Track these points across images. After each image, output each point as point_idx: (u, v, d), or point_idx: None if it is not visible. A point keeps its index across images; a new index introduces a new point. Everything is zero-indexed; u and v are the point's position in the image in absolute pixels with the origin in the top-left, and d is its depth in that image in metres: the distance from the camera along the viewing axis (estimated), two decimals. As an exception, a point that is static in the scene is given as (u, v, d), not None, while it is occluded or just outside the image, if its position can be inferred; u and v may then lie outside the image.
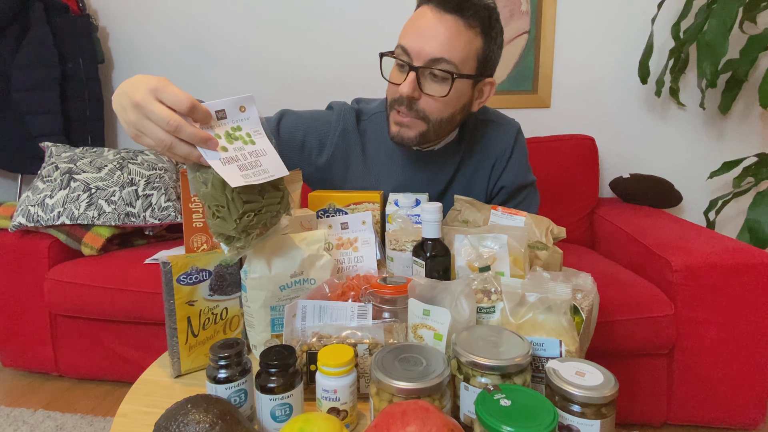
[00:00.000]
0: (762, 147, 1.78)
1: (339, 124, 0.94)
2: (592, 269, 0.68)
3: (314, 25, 2.01)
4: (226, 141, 0.55)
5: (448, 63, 0.77)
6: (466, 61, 0.78)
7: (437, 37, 0.76)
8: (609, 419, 0.45)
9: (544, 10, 1.84)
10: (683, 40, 1.59)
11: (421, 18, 0.78)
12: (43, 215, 1.50)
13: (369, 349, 0.56)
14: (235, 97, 0.56)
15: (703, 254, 1.20)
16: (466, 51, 0.77)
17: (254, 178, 0.54)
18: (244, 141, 0.57)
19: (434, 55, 0.76)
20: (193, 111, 0.52)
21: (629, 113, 1.88)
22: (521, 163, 0.97)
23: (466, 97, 0.83)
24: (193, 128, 0.52)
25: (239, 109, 0.57)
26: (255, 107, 0.58)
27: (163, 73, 2.17)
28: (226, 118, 0.56)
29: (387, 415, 0.41)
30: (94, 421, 1.39)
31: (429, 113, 0.81)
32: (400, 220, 0.79)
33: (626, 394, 1.27)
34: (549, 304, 0.56)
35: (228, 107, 0.56)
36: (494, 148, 0.94)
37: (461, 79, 0.79)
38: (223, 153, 0.54)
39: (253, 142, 0.57)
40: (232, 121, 0.57)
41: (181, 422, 0.42)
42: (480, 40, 0.78)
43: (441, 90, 0.78)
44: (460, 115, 0.86)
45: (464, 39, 0.76)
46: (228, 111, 0.56)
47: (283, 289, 0.66)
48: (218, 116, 0.56)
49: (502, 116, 0.98)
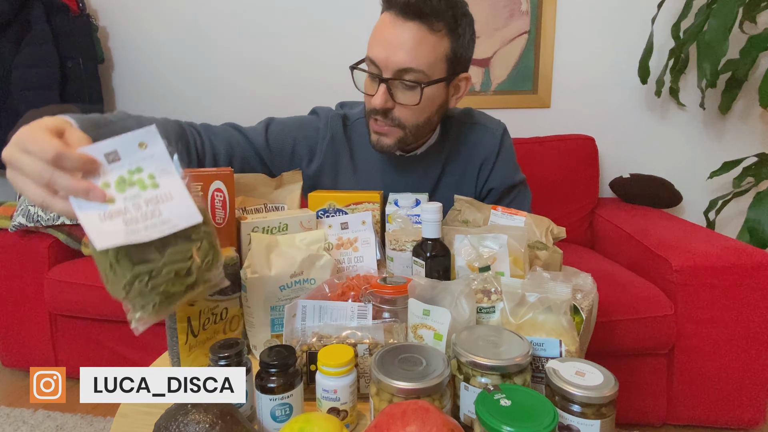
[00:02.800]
0: (762, 147, 1.78)
1: (327, 131, 0.94)
2: (592, 269, 0.68)
3: (314, 26, 2.01)
4: (117, 189, 0.46)
5: (416, 72, 0.76)
6: (435, 65, 0.77)
7: (402, 47, 0.74)
8: (609, 419, 0.45)
9: (544, 10, 1.84)
10: (683, 40, 1.59)
11: (384, 27, 0.77)
12: (43, 215, 1.50)
13: (369, 349, 0.56)
14: (131, 134, 0.47)
15: (703, 254, 1.20)
16: (433, 56, 0.76)
17: (145, 233, 0.45)
18: (143, 186, 0.47)
19: (401, 66, 0.75)
20: (59, 160, 0.43)
21: (629, 113, 1.88)
22: (508, 163, 0.96)
23: (440, 98, 0.83)
24: (66, 179, 0.43)
25: (138, 146, 0.47)
26: (161, 141, 0.48)
27: (162, 72, 2.17)
28: (119, 160, 0.46)
29: (387, 415, 0.41)
30: (94, 421, 1.39)
31: (404, 120, 0.82)
32: (400, 220, 0.79)
33: (626, 394, 1.27)
34: (549, 304, 0.56)
35: (122, 147, 0.46)
36: (480, 150, 0.94)
37: (432, 85, 0.78)
38: (105, 206, 0.45)
39: (155, 185, 0.47)
40: (129, 163, 0.47)
41: (181, 422, 0.42)
42: (447, 41, 0.77)
43: (413, 98, 0.78)
44: (437, 116, 0.86)
45: (429, 44, 0.75)
46: (122, 151, 0.46)
47: (283, 289, 0.66)
48: (109, 159, 0.46)
49: (488, 118, 0.98)
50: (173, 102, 2.18)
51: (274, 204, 0.84)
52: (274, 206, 0.83)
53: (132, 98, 2.23)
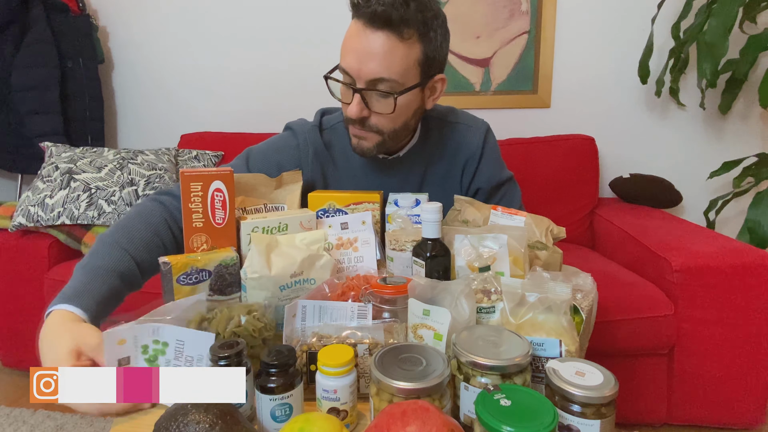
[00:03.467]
0: (762, 147, 1.78)
1: (308, 146, 0.92)
2: (592, 269, 0.68)
3: (314, 27, 2.01)
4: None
5: (388, 81, 0.75)
6: (407, 72, 0.76)
7: (373, 57, 0.73)
8: (609, 419, 0.45)
9: (544, 10, 1.84)
10: (683, 40, 1.59)
11: (354, 36, 0.75)
12: (43, 215, 1.50)
13: (369, 349, 0.56)
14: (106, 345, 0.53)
15: (703, 254, 1.20)
16: (404, 64, 0.75)
17: None
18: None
19: (373, 76, 0.75)
20: (102, 413, 0.53)
21: (629, 113, 1.88)
22: (493, 161, 0.96)
23: (416, 103, 0.82)
24: (116, 410, 0.53)
25: (143, 349, 0.55)
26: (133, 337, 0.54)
27: (162, 72, 2.17)
28: (129, 364, 0.55)
29: (387, 415, 0.41)
30: (94, 422, 1.39)
31: (381, 127, 0.82)
32: (400, 220, 0.79)
33: (626, 394, 1.27)
34: (549, 304, 0.56)
35: (132, 353, 0.55)
36: (463, 150, 0.94)
37: (406, 92, 0.77)
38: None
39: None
40: (140, 362, 0.56)
41: (181, 422, 0.42)
42: (418, 47, 0.76)
43: (387, 107, 0.78)
44: (414, 119, 0.86)
45: (400, 53, 0.74)
46: (133, 358, 0.55)
47: (283, 289, 0.66)
48: (122, 363, 0.54)
49: (471, 118, 0.98)
50: (173, 102, 2.18)
51: (274, 204, 0.83)
52: (274, 206, 0.83)
53: (132, 98, 2.23)
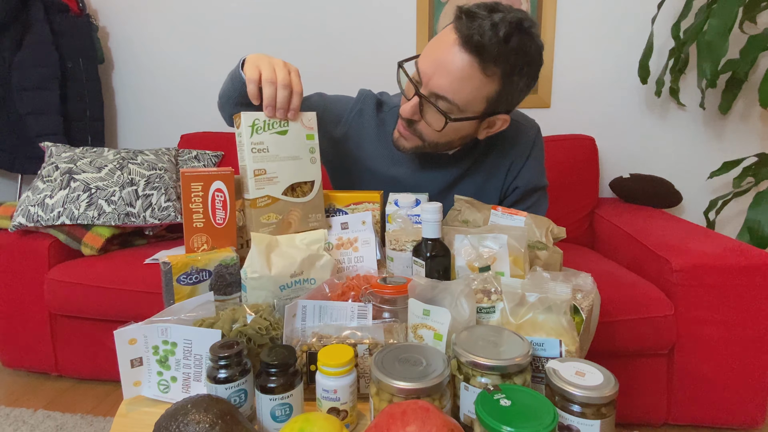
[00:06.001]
0: (762, 147, 1.78)
1: (357, 105, 0.96)
2: (592, 269, 0.68)
3: (314, 27, 2.01)
4: None
5: (449, 103, 0.75)
6: (472, 102, 0.75)
7: (447, 74, 0.72)
8: (609, 419, 0.45)
9: (544, 10, 1.84)
10: (683, 40, 1.59)
11: (442, 45, 0.73)
12: (43, 215, 1.50)
13: (369, 349, 0.56)
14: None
15: (703, 254, 1.20)
16: (473, 95, 0.74)
17: None
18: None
19: (438, 91, 0.74)
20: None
21: (629, 113, 1.88)
22: (538, 164, 0.96)
23: (466, 130, 0.82)
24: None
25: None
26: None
27: (162, 72, 2.17)
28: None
29: (387, 415, 0.41)
30: (94, 421, 1.39)
31: (425, 136, 0.82)
32: (400, 220, 0.79)
33: (626, 394, 1.27)
34: (549, 304, 0.56)
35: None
36: (513, 147, 0.93)
37: (461, 121, 0.77)
38: None
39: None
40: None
41: (181, 422, 0.42)
42: (496, 85, 0.74)
43: (437, 123, 0.77)
44: (461, 142, 0.86)
45: (475, 83, 0.73)
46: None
47: (283, 289, 0.66)
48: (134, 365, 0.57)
49: (523, 116, 0.97)
50: (173, 102, 2.19)
51: None
52: None
53: (132, 98, 2.23)
